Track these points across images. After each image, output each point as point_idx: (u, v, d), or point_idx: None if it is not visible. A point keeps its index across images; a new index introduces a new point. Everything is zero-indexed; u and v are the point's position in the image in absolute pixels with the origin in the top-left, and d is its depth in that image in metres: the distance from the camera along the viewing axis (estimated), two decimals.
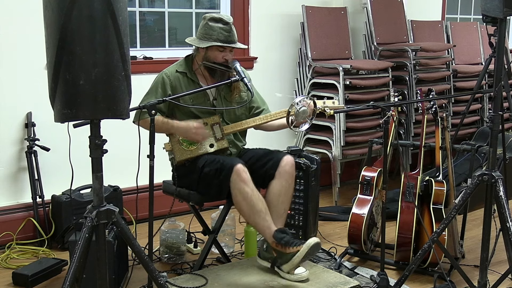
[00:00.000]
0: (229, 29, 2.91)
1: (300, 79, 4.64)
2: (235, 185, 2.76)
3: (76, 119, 1.87)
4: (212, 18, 2.92)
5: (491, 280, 2.78)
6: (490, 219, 2.59)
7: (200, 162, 2.90)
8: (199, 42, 2.94)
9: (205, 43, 2.91)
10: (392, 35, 4.96)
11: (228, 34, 2.90)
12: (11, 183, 3.57)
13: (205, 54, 2.94)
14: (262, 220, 2.79)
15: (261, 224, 2.80)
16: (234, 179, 2.75)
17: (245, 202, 2.77)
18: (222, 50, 2.92)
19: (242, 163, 2.80)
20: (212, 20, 2.92)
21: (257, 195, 2.79)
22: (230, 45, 2.91)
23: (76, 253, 1.94)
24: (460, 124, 4.22)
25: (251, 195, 2.76)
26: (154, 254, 3.33)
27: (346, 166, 4.79)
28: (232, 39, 2.92)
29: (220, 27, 2.90)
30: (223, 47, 2.91)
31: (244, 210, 2.80)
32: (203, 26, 2.94)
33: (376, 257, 3.21)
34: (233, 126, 3.01)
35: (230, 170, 2.76)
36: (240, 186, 2.75)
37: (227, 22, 2.91)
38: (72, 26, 1.74)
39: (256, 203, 2.77)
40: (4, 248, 3.43)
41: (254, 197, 2.77)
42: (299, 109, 2.77)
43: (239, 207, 2.81)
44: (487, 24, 2.55)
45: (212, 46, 2.90)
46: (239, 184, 2.75)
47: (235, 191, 2.77)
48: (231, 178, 2.75)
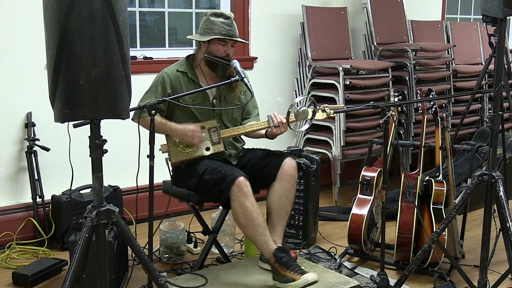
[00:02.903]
0: (231, 23, 2.92)
1: (300, 79, 4.64)
2: (235, 198, 2.72)
3: (76, 119, 1.86)
4: (213, 13, 2.93)
5: (491, 280, 2.78)
6: (490, 219, 2.59)
7: (200, 168, 2.87)
8: (201, 37, 2.94)
9: (206, 37, 2.91)
10: (392, 35, 4.96)
11: (229, 28, 2.91)
12: (11, 183, 3.57)
13: (207, 49, 2.94)
14: (260, 235, 2.76)
15: (259, 239, 2.77)
16: (235, 192, 2.71)
17: (244, 216, 2.73)
18: (223, 44, 2.92)
19: (244, 176, 2.75)
20: (214, 15, 2.92)
21: (257, 209, 2.75)
22: (231, 38, 2.91)
23: (76, 253, 1.93)
24: (460, 124, 4.22)
25: (251, 209, 2.72)
26: (154, 254, 3.33)
27: (346, 166, 4.79)
28: (234, 33, 2.93)
29: (222, 21, 2.90)
30: (225, 40, 2.91)
31: (242, 224, 2.77)
32: (204, 22, 2.94)
33: (376, 257, 3.21)
34: (230, 131, 2.98)
35: (231, 183, 2.71)
36: (240, 199, 2.72)
37: (228, 17, 2.92)
38: (72, 26, 1.74)
39: (256, 217, 2.73)
40: (4, 248, 3.43)
41: (254, 211, 2.73)
42: (299, 109, 2.77)
43: (238, 220, 2.78)
44: (487, 24, 2.55)
45: (214, 39, 2.89)
46: (240, 198, 2.71)
47: (235, 204, 2.74)
48: (232, 190, 2.71)
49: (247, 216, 2.73)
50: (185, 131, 2.88)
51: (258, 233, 2.75)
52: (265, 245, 2.76)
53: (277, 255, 2.72)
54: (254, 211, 2.73)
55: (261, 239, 2.76)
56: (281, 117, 2.87)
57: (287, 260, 2.71)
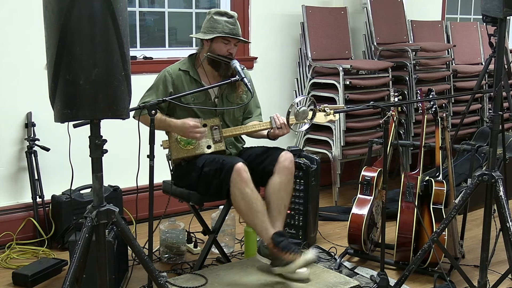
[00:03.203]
0: (234, 22, 2.93)
1: (300, 79, 4.64)
2: (235, 184, 2.75)
3: (76, 119, 1.86)
4: (217, 12, 2.94)
5: (491, 280, 2.78)
6: (490, 219, 2.59)
7: (200, 162, 2.89)
8: (204, 35, 2.94)
9: (210, 35, 2.91)
10: (392, 35, 4.96)
11: (233, 27, 2.92)
12: (11, 183, 3.57)
13: (210, 48, 2.95)
14: (260, 221, 2.78)
15: (259, 225, 2.79)
16: (235, 178, 2.74)
17: (244, 201, 2.76)
18: (226, 42, 2.92)
19: (242, 161, 2.79)
20: (217, 14, 2.93)
21: (257, 195, 2.78)
22: (235, 36, 2.92)
23: (76, 253, 1.93)
24: (460, 124, 4.22)
25: (251, 195, 2.75)
26: (154, 254, 3.33)
27: (346, 166, 4.79)
28: (237, 32, 2.93)
29: (225, 20, 2.91)
30: (228, 39, 2.91)
31: (242, 210, 2.80)
32: (208, 21, 2.95)
33: (376, 257, 3.21)
34: (232, 130, 3.00)
35: (230, 169, 2.75)
36: (240, 185, 2.75)
37: (232, 16, 2.94)
38: (72, 26, 1.74)
39: (255, 203, 2.77)
40: (4, 248, 3.43)
41: (254, 197, 2.76)
42: (299, 109, 2.77)
43: (238, 207, 2.81)
44: (487, 24, 2.55)
45: (217, 38, 2.90)
46: (239, 184, 2.74)
47: (235, 190, 2.76)
48: (232, 177, 2.74)
49: (247, 202, 2.75)
50: (184, 127, 2.87)
51: (258, 219, 2.78)
52: (265, 230, 2.78)
53: (276, 239, 2.75)
54: (254, 197, 2.76)
55: (261, 225, 2.79)
56: (283, 119, 2.89)
57: (285, 243, 2.74)
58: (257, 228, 2.82)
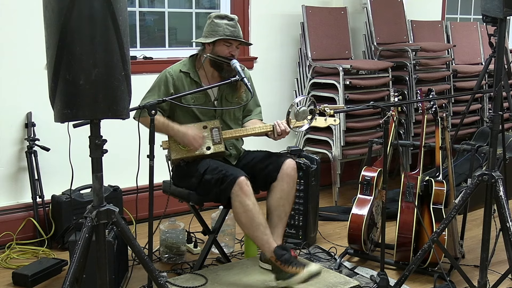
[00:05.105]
0: (235, 25, 2.93)
1: (300, 79, 4.64)
2: (236, 197, 2.73)
3: (76, 119, 1.86)
4: (217, 16, 2.94)
5: (491, 280, 2.78)
6: (490, 219, 2.59)
7: (201, 168, 2.87)
8: (205, 39, 2.94)
9: (211, 38, 2.91)
10: (392, 35, 4.96)
11: (233, 29, 2.92)
12: (11, 183, 3.57)
13: (211, 51, 2.94)
14: (261, 234, 2.76)
15: (260, 238, 2.77)
16: (236, 191, 2.72)
17: (246, 214, 2.74)
18: (228, 45, 2.92)
19: (245, 175, 2.76)
20: (218, 17, 2.93)
21: (258, 208, 2.75)
22: (236, 38, 2.92)
23: (76, 253, 1.94)
24: (460, 124, 4.22)
25: (252, 208, 2.73)
26: (154, 254, 3.33)
27: (346, 166, 4.79)
28: (238, 34, 2.94)
29: (226, 23, 2.91)
30: (229, 41, 2.91)
31: (243, 223, 2.78)
32: (208, 25, 2.95)
33: (376, 257, 3.21)
34: (232, 132, 2.99)
35: (232, 182, 2.72)
36: (241, 199, 2.72)
37: (232, 19, 2.94)
38: (72, 26, 1.74)
39: (257, 216, 2.74)
40: (4, 248, 3.43)
41: (255, 210, 2.74)
42: (299, 109, 2.77)
43: (239, 219, 2.79)
44: (487, 24, 2.55)
45: (218, 41, 2.90)
46: (241, 197, 2.72)
47: (236, 203, 2.74)
48: (233, 190, 2.72)
49: (248, 215, 2.74)
50: (186, 135, 2.88)
51: (259, 232, 2.76)
52: (267, 244, 2.76)
53: (278, 252, 2.73)
54: (255, 210, 2.74)
55: (262, 238, 2.77)
56: (285, 125, 2.89)
57: (288, 257, 2.72)
58: (258, 241, 2.80)
